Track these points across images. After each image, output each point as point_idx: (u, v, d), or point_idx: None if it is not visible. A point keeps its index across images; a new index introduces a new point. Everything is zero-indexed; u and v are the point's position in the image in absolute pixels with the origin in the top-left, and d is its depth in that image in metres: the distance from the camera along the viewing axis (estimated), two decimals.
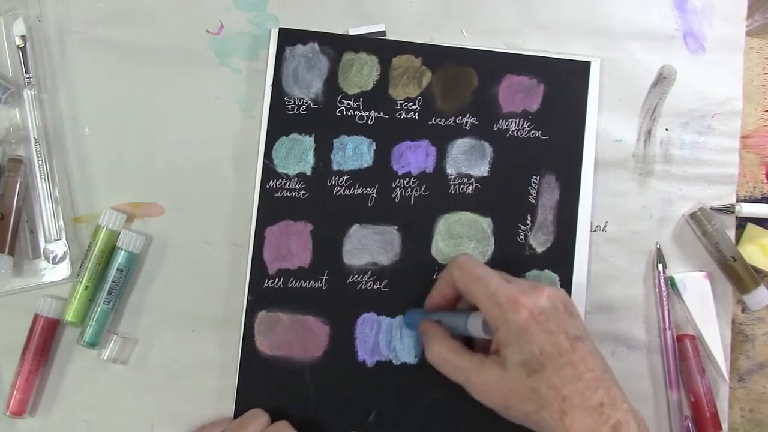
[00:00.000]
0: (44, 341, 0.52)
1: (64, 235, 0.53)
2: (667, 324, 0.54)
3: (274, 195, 0.54)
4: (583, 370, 0.42)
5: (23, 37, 0.53)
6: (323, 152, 0.54)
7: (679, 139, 0.56)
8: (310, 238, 0.54)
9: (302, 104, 0.54)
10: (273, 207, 0.54)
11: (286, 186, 0.54)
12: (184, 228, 0.54)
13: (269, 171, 0.54)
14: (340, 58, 0.55)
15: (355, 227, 0.54)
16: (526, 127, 0.55)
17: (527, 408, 0.43)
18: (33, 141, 0.53)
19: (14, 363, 0.52)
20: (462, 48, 0.55)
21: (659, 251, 0.55)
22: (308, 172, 0.54)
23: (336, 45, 0.55)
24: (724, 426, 0.54)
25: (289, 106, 0.54)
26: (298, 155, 0.54)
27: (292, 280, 0.53)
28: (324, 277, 0.53)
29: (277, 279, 0.53)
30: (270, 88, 0.54)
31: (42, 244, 0.53)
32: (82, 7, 0.55)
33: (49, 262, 0.53)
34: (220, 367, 0.53)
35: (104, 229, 0.52)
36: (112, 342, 0.53)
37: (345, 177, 0.54)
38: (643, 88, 0.56)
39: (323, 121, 0.54)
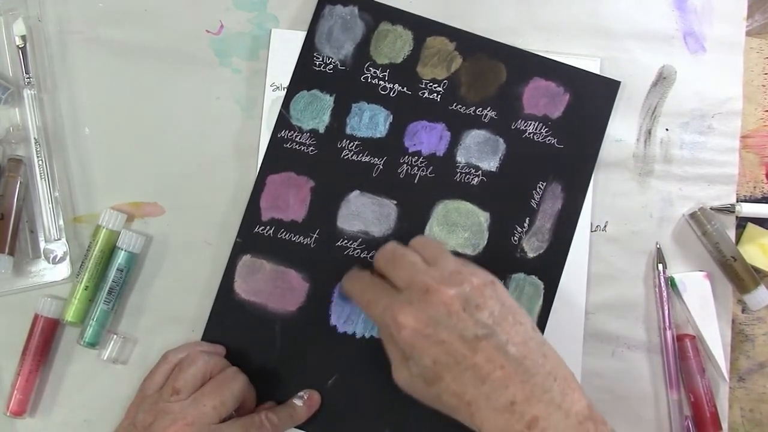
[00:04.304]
0: (44, 341, 0.52)
1: (64, 235, 0.53)
2: (667, 324, 0.54)
3: (283, 145, 0.54)
4: (488, 371, 0.40)
5: (23, 37, 0.53)
6: (340, 114, 0.55)
7: (679, 139, 0.56)
8: (309, 195, 0.54)
9: (330, 63, 0.55)
10: (280, 156, 0.54)
11: (297, 139, 0.54)
12: (184, 228, 0.54)
13: (284, 121, 0.54)
14: (376, 27, 0.55)
15: (356, 193, 0.54)
16: (544, 132, 0.55)
17: (439, 408, 0.43)
18: (33, 141, 0.53)
19: (14, 363, 0.52)
20: (498, 42, 0.55)
21: (659, 251, 0.55)
22: (321, 130, 0.54)
23: (375, 13, 0.55)
24: (724, 426, 0.54)
25: (317, 63, 0.55)
26: (315, 111, 0.55)
27: (283, 232, 0.54)
28: (314, 236, 0.54)
29: (268, 227, 0.54)
30: (299, 55, 0.55)
31: (42, 244, 0.53)
32: (82, 7, 0.55)
33: (49, 262, 0.53)
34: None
35: (104, 229, 0.52)
36: (112, 342, 0.53)
37: (356, 143, 0.54)
38: (643, 88, 0.56)
39: (347, 84, 0.55)
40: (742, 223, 0.56)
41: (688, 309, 0.54)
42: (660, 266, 0.54)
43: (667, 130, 0.56)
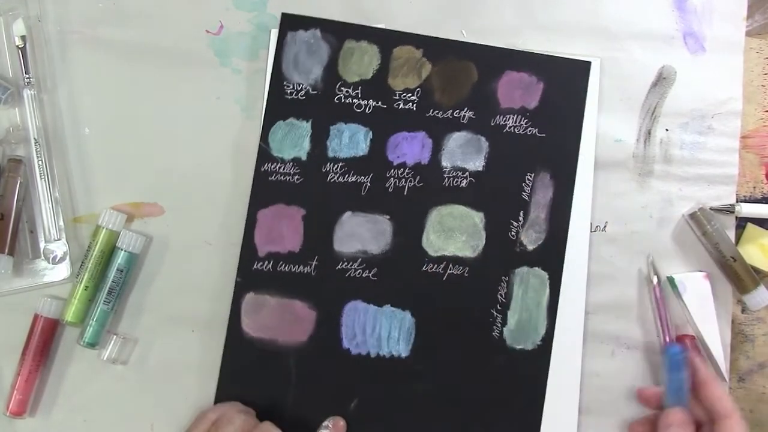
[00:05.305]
0: (44, 341, 0.52)
1: (64, 235, 0.53)
2: (666, 333, 0.53)
3: (268, 178, 0.54)
4: None
5: (23, 37, 0.53)
6: (319, 139, 0.54)
7: (679, 139, 0.56)
8: (301, 223, 0.54)
9: (301, 90, 0.54)
10: (267, 190, 0.54)
11: (281, 170, 0.54)
12: (184, 228, 0.55)
13: (265, 154, 0.54)
14: (341, 46, 0.55)
15: (348, 215, 0.54)
16: (524, 123, 0.55)
17: None
18: (33, 141, 0.53)
19: (14, 363, 0.52)
20: (463, 42, 0.55)
21: (652, 264, 0.54)
22: (303, 157, 0.54)
23: (338, 32, 0.55)
24: None
25: (288, 91, 0.54)
26: (294, 140, 0.54)
27: (282, 264, 0.53)
28: (313, 263, 0.54)
29: (266, 262, 0.53)
30: (269, 86, 0.54)
31: (42, 244, 0.53)
32: (82, 7, 0.55)
33: (49, 263, 0.53)
34: (221, 367, 0.53)
35: (104, 230, 0.52)
36: (112, 342, 0.53)
37: (340, 164, 0.54)
38: (643, 88, 0.56)
39: (321, 107, 0.55)
40: (741, 223, 0.56)
41: (688, 309, 0.54)
42: (655, 278, 0.54)
43: (666, 130, 0.56)
